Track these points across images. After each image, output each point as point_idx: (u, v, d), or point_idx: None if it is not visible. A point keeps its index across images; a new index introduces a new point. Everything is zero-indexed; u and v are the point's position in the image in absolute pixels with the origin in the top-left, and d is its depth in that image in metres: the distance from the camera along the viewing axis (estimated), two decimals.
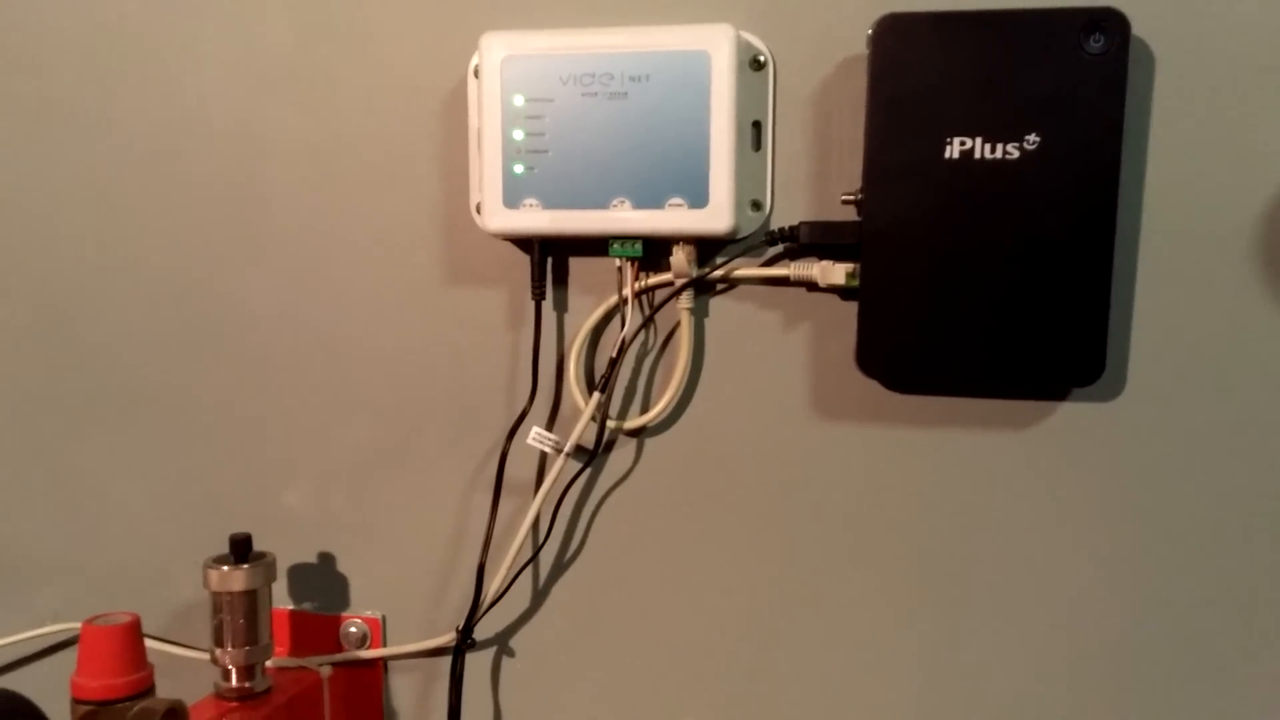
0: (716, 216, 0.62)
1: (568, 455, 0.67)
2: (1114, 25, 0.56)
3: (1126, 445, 0.63)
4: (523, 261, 0.68)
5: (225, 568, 0.66)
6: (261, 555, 0.67)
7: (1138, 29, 0.57)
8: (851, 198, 0.62)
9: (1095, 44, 0.56)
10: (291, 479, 0.74)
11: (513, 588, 0.70)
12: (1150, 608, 0.64)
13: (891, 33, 0.59)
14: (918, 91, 0.59)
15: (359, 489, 0.73)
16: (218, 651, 0.66)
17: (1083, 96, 0.57)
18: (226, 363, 0.74)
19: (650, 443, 0.69)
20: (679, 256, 0.64)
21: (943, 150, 0.59)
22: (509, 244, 0.68)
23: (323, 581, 0.75)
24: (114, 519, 0.78)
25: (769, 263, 0.65)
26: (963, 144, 0.58)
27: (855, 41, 0.61)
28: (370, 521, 0.74)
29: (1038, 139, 0.58)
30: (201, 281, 0.73)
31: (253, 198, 0.71)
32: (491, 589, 0.69)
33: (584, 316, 0.68)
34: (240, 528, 0.72)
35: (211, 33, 0.70)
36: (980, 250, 0.59)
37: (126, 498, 0.77)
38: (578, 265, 0.68)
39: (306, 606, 0.75)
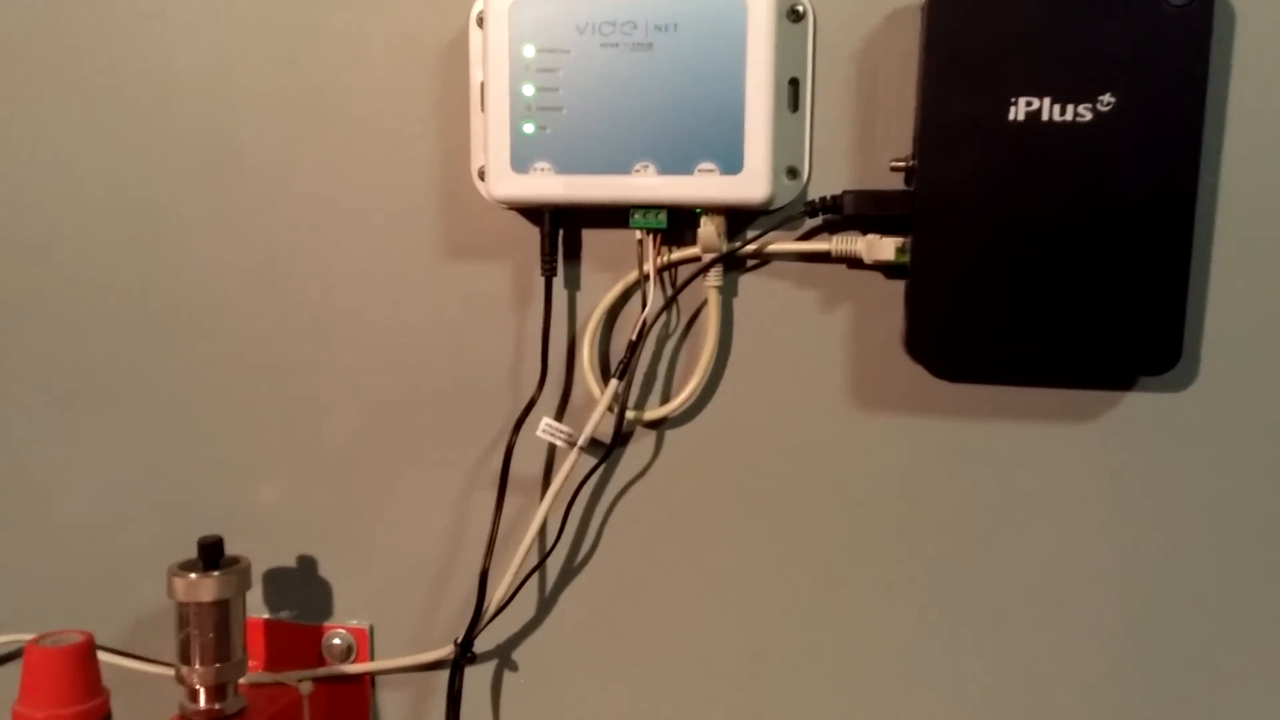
0: (752, 184, 0.59)
1: (581, 449, 0.65)
2: None
3: (1199, 439, 0.62)
4: (531, 233, 0.65)
5: (193, 575, 0.63)
6: (234, 560, 0.65)
7: None
8: (901, 165, 0.60)
9: None
10: (268, 474, 0.72)
11: (516, 596, 0.68)
12: (1223, 612, 0.63)
13: None
14: (979, 46, 0.57)
15: (344, 485, 0.71)
16: (184, 669, 0.63)
17: (1163, 53, 0.55)
18: (194, 343, 0.71)
19: (671, 435, 0.67)
20: (708, 229, 0.62)
21: (1006, 111, 0.57)
22: (515, 213, 0.66)
23: (302, 588, 0.73)
24: (65, 518, 0.75)
25: (806, 236, 0.63)
26: (1029, 105, 0.56)
27: None
28: (356, 521, 0.71)
29: (1112, 100, 0.56)
30: (165, 252, 0.70)
31: (224, 159, 0.68)
32: (495, 597, 0.67)
33: (599, 295, 0.65)
34: (210, 528, 0.71)
35: None
36: (1045, 223, 0.57)
37: (79, 494, 0.75)
38: (592, 238, 0.66)
39: (284, 615, 0.73)
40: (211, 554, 0.64)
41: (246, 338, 0.70)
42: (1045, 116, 0.56)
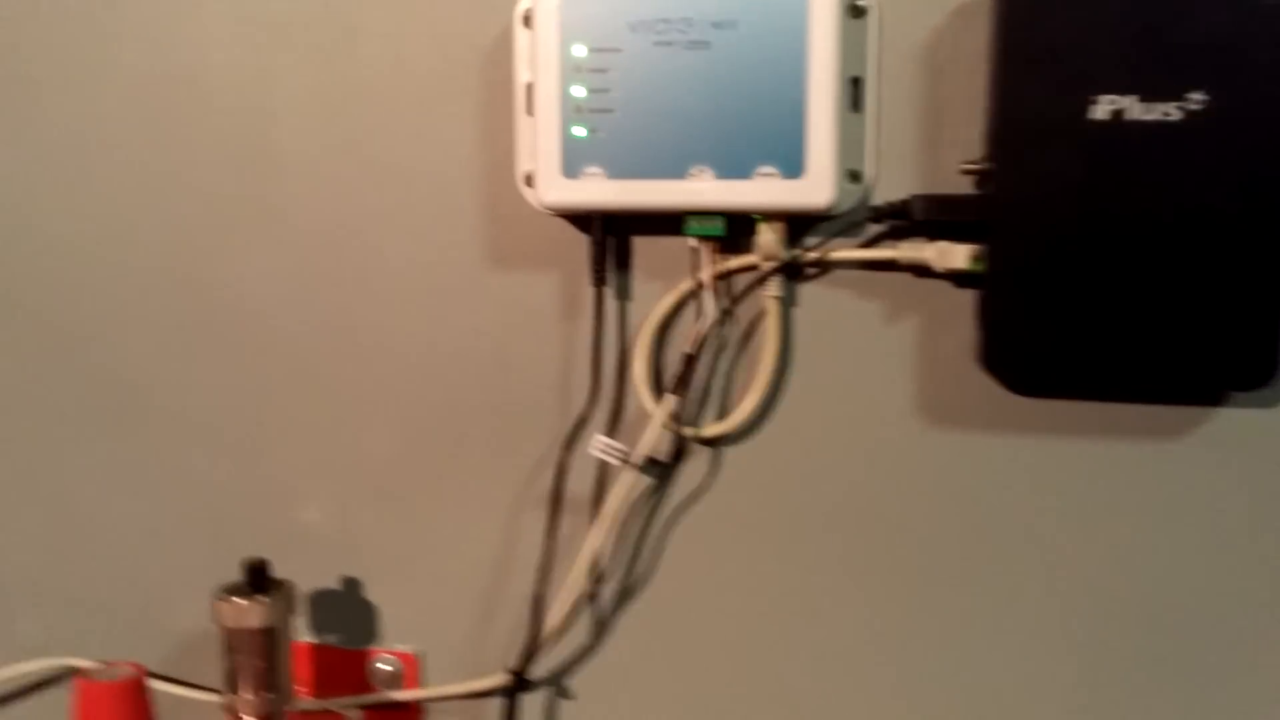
0: (815, 189, 0.57)
1: (636, 468, 0.62)
2: None
3: None
4: (579, 241, 0.63)
5: (239, 600, 0.61)
6: (280, 584, 0.63)
7: None
8: (974, 167, 0.57)
9: None
10: (311, 492, 0.70)
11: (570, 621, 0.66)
12: None
13: None
14: (1059, 41, 0.53)
15: (388, 503, 0.69)
16: (232, 698, 0.62)
17: (1258, 49, 0.52)
18: (235, 358, 0.69)
19: (729, 453, 0.64)
20: (767, 236, 0.59)
21: (1088, 110, 0.53)
22: (562, 220, 0.63)
23: (348, 611, 0.71)
24: (105, 538, 0.74)
25: (868, 243, 0.60)
26: (1113, 103, 0.53)
27: None
28: (402, 541, 0.69)
29: (1204, 98, 0.52)
30: (203, 263, 0.68)
31: (262, 165, 0.67)
32: (550, 622, 0.65)
33: (651, 305, 0.63)
34: (252, 548, 0.69)
35: None
36: (1130, 229, 0.54)
37: (119, 514, 0.73)
38: (644, 245, 0.63)
39: (330, 640, 0.71)
40: (257, 577, 0.62)
41: (286, 351, 0.68)
42: (1130, 116, 0.53)
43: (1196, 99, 0.52)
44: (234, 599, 0.62)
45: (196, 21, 0.65)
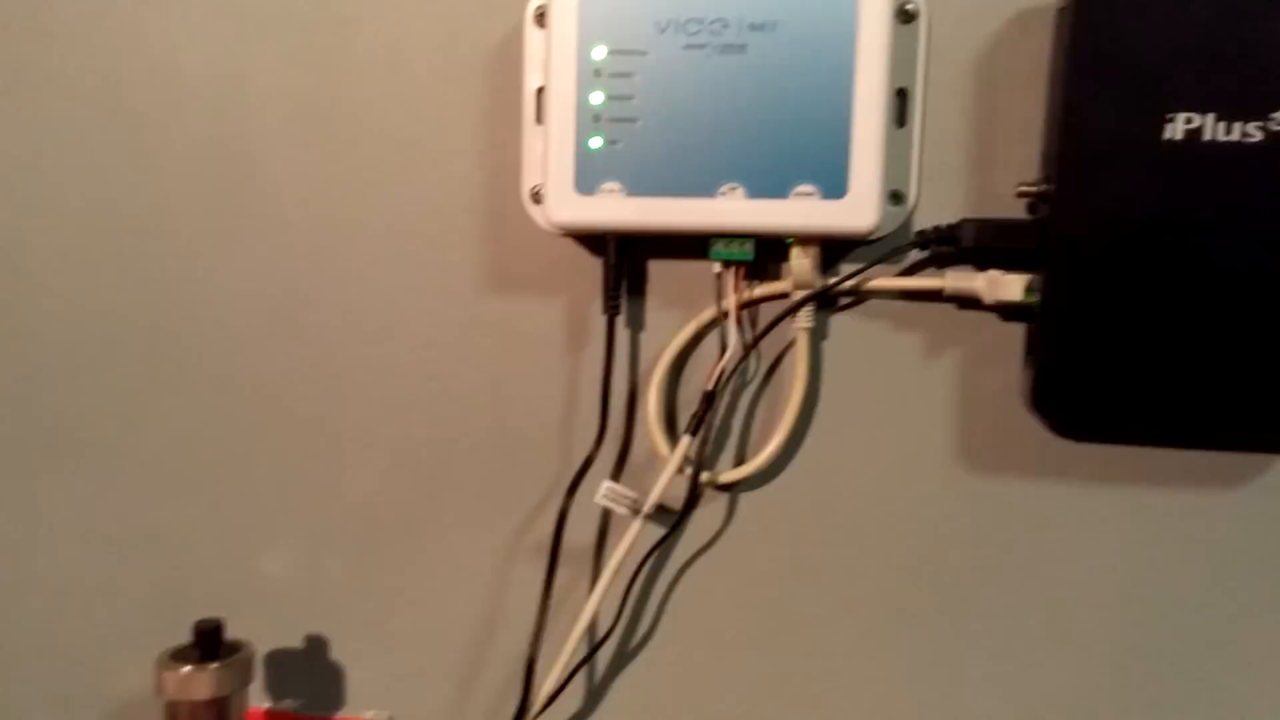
0: (858, 210, 0.51)
1: (646, 518, 0.55)
2: None
3: None
4: (588, 264, 0.57)
5: (187, 668, 0.54)
6: (236, 648, 0.56)
7: None
8: (1031, 190, 0.52)
9: None
10: (275, 540, 0.63)
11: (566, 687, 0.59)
12: None
13: None
14: (1130, 53, 0.49)
15: (363, 553, 0.62)
16: None
17: None
18: (194, 386, 0.62)
19: (747, 499, 0.58)
20: (801, 261, 0.53)
21: (1162, 129, 0.49)
22: (570, 241, 0.57)
23: (311, 673, 0.63)
24: (39, 590, 0.65)
25: (909, 270, 0.55)
26: (1188, 121, 0.49)
27: None
28: (378, 595, 0.62)
29: None
30: (166, 279, 0.61)
31: (236, 175, 0.60)
32: (545, 688, 0.57)
33: (667, 336, 0.57)
34: (207, 602, 0.62)
35: None
36: (1202, 261, 0.49)
37: (56, 559, 0.65)
38: (660, 269, 0.57)
39: (289, 705, 0.64)
40: (209, 642, 0.55)
41: (255, 381, 0.61)
42: (1208, 135, 0.48)
43: (1279, 119, 0.48)
44: (180, 667, 0.54)
45: (167, 16, 0.59)
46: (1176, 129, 0.49)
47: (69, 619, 0.65)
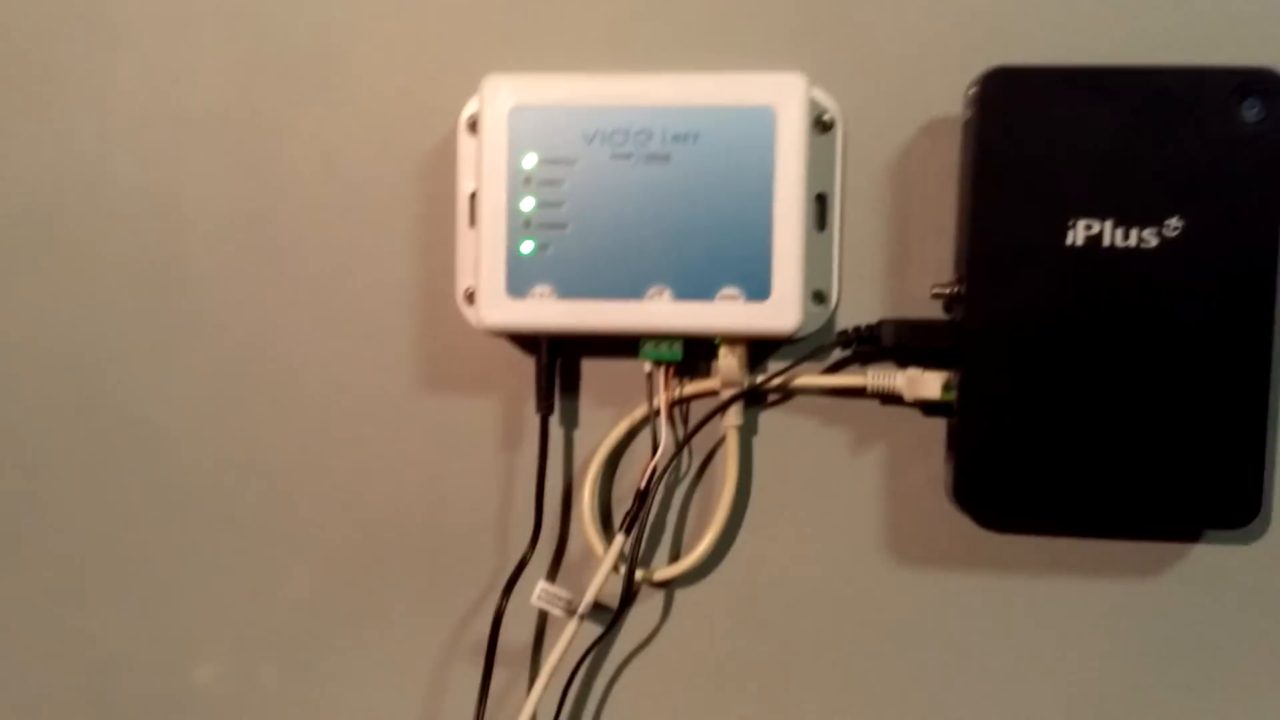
0: (781, 312, 0.52)
1: (582, 618, 0.55)
2: (1272, 90, 0.50)
3: (1274, 596, 0.55)
4: (522, 362, 0.57)
5: None
6: None
7: None
8: (945, 291, 0.54)
9: (1250, 112, 0.50)
10: (207, 646, 0.61)
11: None
12: None
13: (1002, 91, 0.51)
14: (1033, 163, 0.51)
15: (297, 658, 0.61)
16: None
17: (1236, 174, 0.50)
18: (126, 493, 0.61)
19: (683, 595, 0.58)
20: (729, 360, 0.54)
21: (1064, 235, 0.51)
22: (503, 340, 0.57)
23: None
24: None
25: (834, 367, 0.57)
26: (1089, 228, 0.51)
27: (943, 100, 0.54)
28: (311, 701, 0.61)
29: (1181, 224, 0.50)
30: (95, 385, 0.60)
31: (169, 279, 0.59)
32: None
33: (600, 434, 0.57)
34: (132, 715, 0.60)
35: (122, 64, 0.58)
36: (1108, 359, 0.51)
37: None
38: (593, 368, 0.58)
39: None
40: None
41: (188, 485, 0.60)
42: (1106, 241, 0.51)
43: (1173, 225, 0.50)
44: None
45: (98, 119, 0.59)
46: (1078, 235, 0.51)
47: None
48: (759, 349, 0.56)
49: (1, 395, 0.61)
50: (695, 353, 0.55)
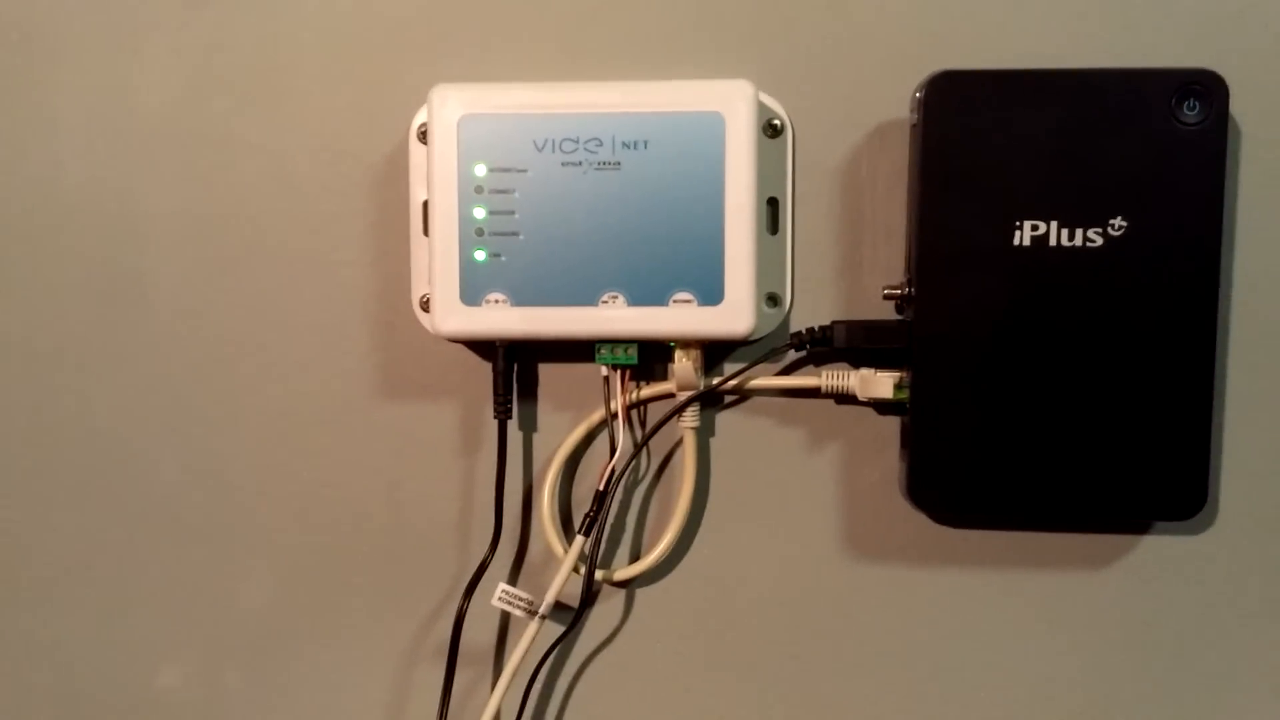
0: (734, 316, 0.53)
1: (543, 618, 0.56)
2: (1211, 91, 0.50)
3: (1220, 586, 0.56)
4: (480, 368, 0.57)
5: None
6: None
7: None
8: (895, 292, 0.54)
9: (1190, 112, 0.50)
10: (171, 652, 0.61)
11: None
12: None
13: (948, 94, 0.51)
14: (979, 165, 0.51)
15: (261, 662, 0.61)
16: None
17: (1176, 174, 0.51)
18: (83, 500, 0.60)
19: (643, 594, 0.59)
20: (684, 364, 0.55)
21: (1011, 236, 0.51)
22: (461, 346, 0.57)
23: None
24: None
25: (789, 369, 0.57)
26: (1035, 229, 0.51)
27: (891, 104, 0.54)
28: (276, 705, 0.61)
29: (1124, 224, 0.51)
30: (53, 397, 0.60)
31: (123, 289, 0.59)
32: None
33: (559, 437, 0.57)
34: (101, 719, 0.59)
35: (73, 77, 0.58)
36: (1056, 357, 0.52)
37: None
38: (550, 373, 0.58)
39: None
40: None
41: (147, 493, 0.60)
42: (1053, 241, 0.51)
43: (1117, 224, 0.51)
44: None
45: (51, 130, 0.58)
46: (1024, 235, 0.51)
47: None
48: (714, 351, 0.57)
49: None
50: (651, 356, 0.56)
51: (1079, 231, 0.51)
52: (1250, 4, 0.53)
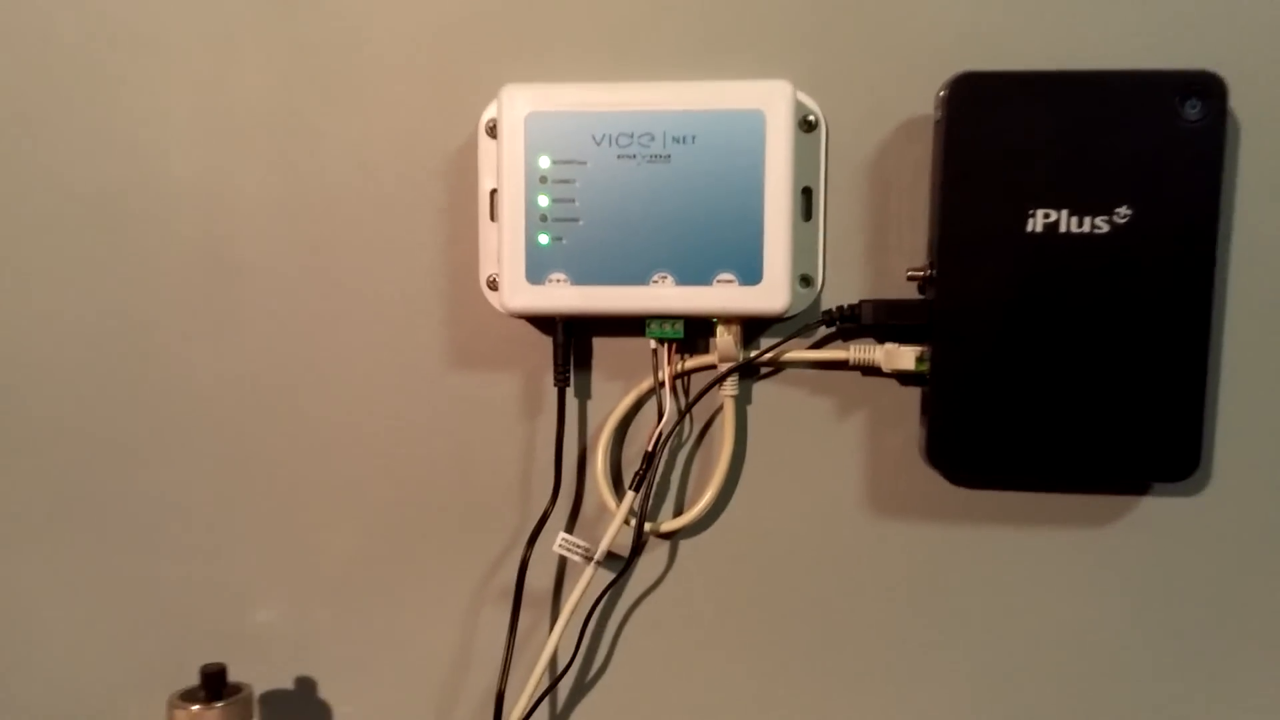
0: (771, 295, 0.57)
1: (598, 564, 0.61)
2: (1211, 91, 0.54)
3: (1214, 543, 0.61)
4: (540, 341, 0.63)
5: (195, 707, 0.58)
6: (237, 689, 0.60)
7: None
8: (919, 274, 0.59)
9: (1191, 110, 0.54)
10: (267, 592, 0.67)
11: (532, 715, 0.64)
12: (1234, 714, 0.61)
13: (968, 93, 0.56)
14: (997, 158, 0.56)
15: (345, 602, 0.67)
16: None
17: (1178, 167, 0.55)
18: (188, 458, 0.67)
19: (685, 545, 0.64)
20: (725, 338, 0.60)
21: (1025, 223, 0.56)
22: (523, 321, 0.63)
23: (302, 711, 0.68)
24: (52, 644, 0.69)
25: (820, 343, 0.62)
26: (1047, 216, 0.56)
27: (916, 101, 0.58)
28: (360, 640, 0.67)
29: (1129, 212, 0.55)
30: (160, 365, 0.66)
31: (221, 266, 0.65)
32: (513, 717, 0.63)
33: (610, 404, 0.63)
34: (203, 650, 0.66)
35: (175, 75, 0.63)
36: (1064, 333, 0.56)
37: (67, 618, 0.69)
38: (604, 345, 0.63)
39: None
40: (215, 684, 0.59)
41: (243, 451, 0.66)
42: (1063, 228, 0.56)
43: (1122, 213, 0.55)
44: (190, 706, 0.59)
45: (158, 126, 0.63)
46: (1037, 222, 0.56)
47: (84, 667, 0.69)
48: (752, 327, 0.61)
49: (73, 377, 0.66)
50: (695, 331, 0.60)
51: (1087, 219, 0.55)
52: (1250, 4, 0.57)
